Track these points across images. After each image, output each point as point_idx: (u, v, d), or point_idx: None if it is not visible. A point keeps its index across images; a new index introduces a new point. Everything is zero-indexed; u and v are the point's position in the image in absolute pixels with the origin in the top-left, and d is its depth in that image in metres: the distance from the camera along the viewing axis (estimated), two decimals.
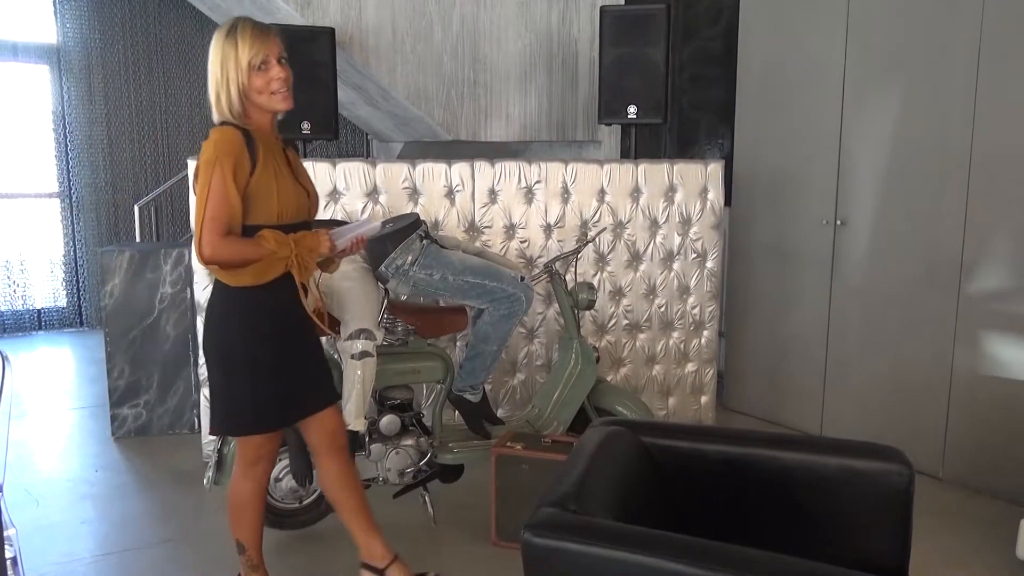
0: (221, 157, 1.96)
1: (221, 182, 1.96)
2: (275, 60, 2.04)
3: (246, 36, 2.01)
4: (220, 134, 2.00)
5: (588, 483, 1.58)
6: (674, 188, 3.64)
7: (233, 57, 2.01)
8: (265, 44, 2.02)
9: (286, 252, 2.03)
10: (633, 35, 3.89)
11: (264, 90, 2.03)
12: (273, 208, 2.05)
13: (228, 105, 2.03)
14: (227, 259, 2.01)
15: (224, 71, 2.02)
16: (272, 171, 2.05)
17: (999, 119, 3.08)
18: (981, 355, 3.19)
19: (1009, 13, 3.01)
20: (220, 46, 2.03)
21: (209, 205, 1.96)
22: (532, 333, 3.57)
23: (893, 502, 1.77)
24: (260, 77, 2.02)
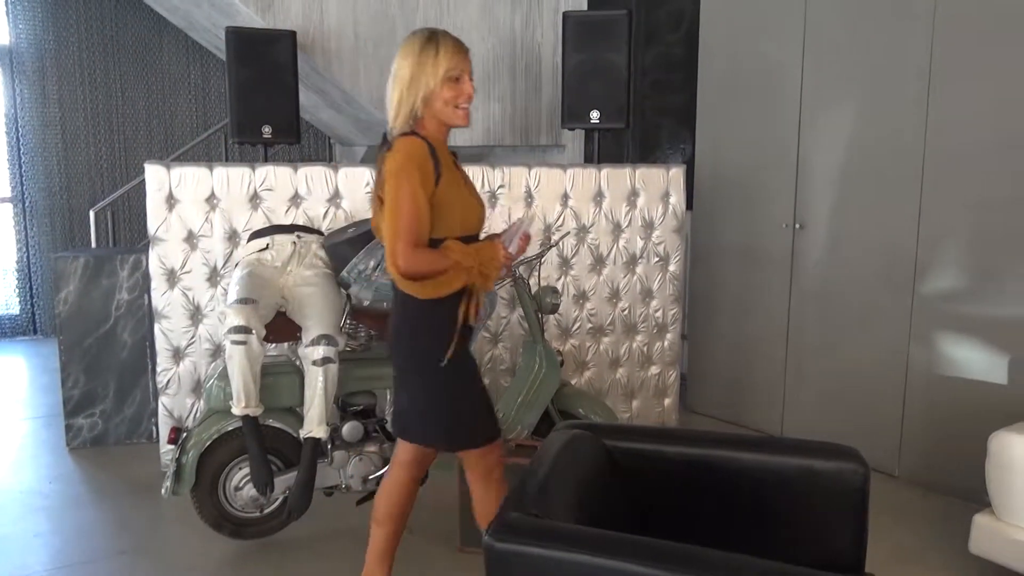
0: (410, 168, 1.94)
1: (411, 193, 1.93)
2: (467, 76, 2.05)
3: (448, 47, 2.01)
4: (408, 144, 1.98)
5: (550, 487, 1.58)
6: (636, 192, 3.67)
7: (431, 64, 1.99)
8: (463, 59, 2.03)
9: (470, 263, 2.00)
10: (595, 40, 3.93)
11: (451, 102, 2.02)
12: (456, 219, 2.04)
13: (409, 112, 2.00)
14: (421, 271, 1.97)
15: (416, 76, 1.99)
16: (453, 182, 2.04)
17: (950, 124, 3.16)
18: (935, 354, 3.27)
19: (959, 22, 3.10)
20: (416, 52, 2.01)
21: (402, 217, 1.93)
22: (496, 337, 3.57)
23: (850, 500, 1.80)
24: (452, 89, 2.01)
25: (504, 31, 4.87)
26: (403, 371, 2.14)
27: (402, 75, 2.01)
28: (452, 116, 2.04)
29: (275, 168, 3.27)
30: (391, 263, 1.96)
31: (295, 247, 2.79)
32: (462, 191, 2.08)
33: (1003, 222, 3.03)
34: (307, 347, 2.60)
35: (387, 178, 1.98)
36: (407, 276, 1.96)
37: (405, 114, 2.01)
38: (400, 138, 2.00)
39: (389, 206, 1.96)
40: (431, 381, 2.08)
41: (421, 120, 2.03)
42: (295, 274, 2.76)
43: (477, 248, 2.04)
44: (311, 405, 2.60)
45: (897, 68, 3.31)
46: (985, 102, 3.06)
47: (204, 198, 3.21)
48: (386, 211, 1.98)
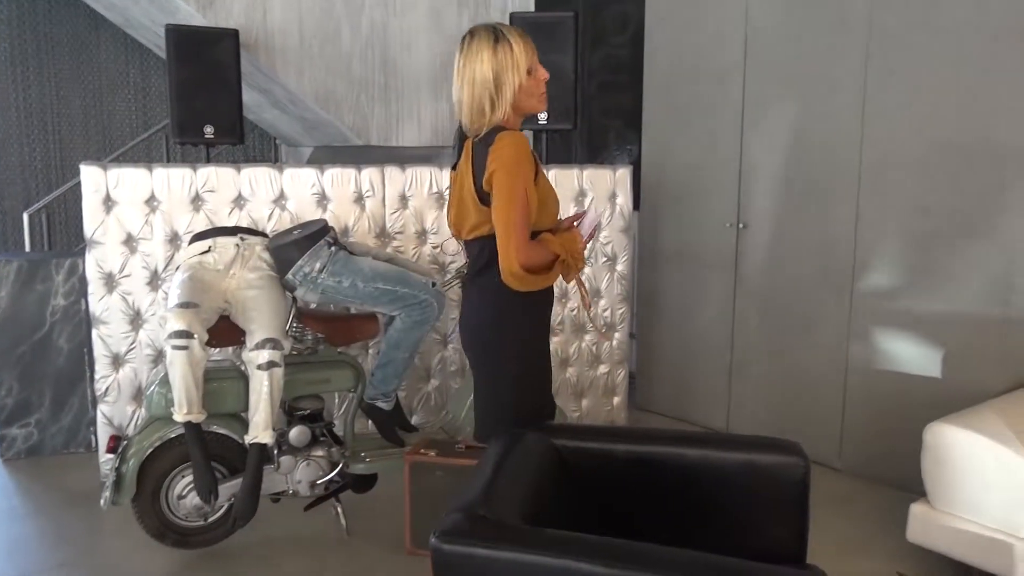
0: (521, 163, 1.91)
1: (522, 192, 1.91)
2: (538, 64, 2.04)
3: (518, 41, 1.99)
4: (515, 138, 1.94)
5: (498, 487, 1.58)
6: (584, 193, 3.70)
7: (511, 61, 1.97)
8: (533, 50, 2.02)
9: (565, 255, 1.99)
10: (542, 42, 3.88)
11: (534, 93, 2.02)
12: (553, 212, 2.04)
13: (502, 112, 1.96)
14: (535, 264, 1.94)
15: (500, 76, 1.96)
16: (544, 175, 2.03)
17: (884, 130, 3.26)
18: (873, 350, 3.37)
19: (893, 30, 3.20)
20: (492, 52, 1.96)
21: (513, 215, 1.90)
22: (446, 339, 3.56)
23: (791, 494, 1.85)
24: (532, 81, 2.01)
25: (452, 32, 4.86)
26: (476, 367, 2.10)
27: (484, 78, 1.96)
28: (537, 104, 2.05)
29: (217, 169, 3.21)
30: (505, 259, 1.91)
31: (238, 249, 2.74)
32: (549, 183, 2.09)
33: (934, 224, 3.13)
34: (251, 351, 2.55)
35: (496, 173, 1.91)
36: (526, 270, 1.92)
37: (499, 115, 1.97)
38: (504, 132, 1.95)
39: (502, 201, 1.91)
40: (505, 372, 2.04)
41: (507, 117, 2.00)
42: (238, 277, 2.71)
43: (562, 239, 2.02)
44: (256, 410, 2.55)
45: (835, 74, 3.41)
46: (917, 110, 3.16)
47: (143, 200, 3.13)
48: (499, 206, 1.92)
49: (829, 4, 3.40)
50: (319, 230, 2.76)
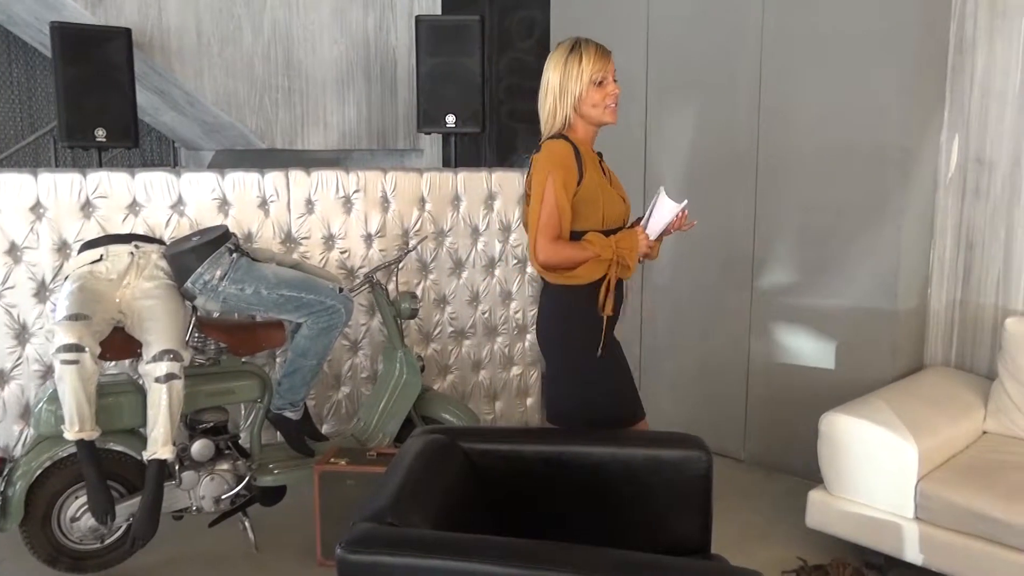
0: (554, 168, 2.10)
1: (553, 192, 2.10)
2: (611, 78, 2.19)
3: (591, 54, 2.16)
4: (553, 146, 2.14)
5: (406, 494, 1.57)
6: (493, 196, 3.71)
7: (576, 72, 2.14)
8: (606, 63, 2.18)
9: (609, 254, 2.12)
10: (449, 45, 3.94)
11: (600, 104, 2.17)
12: (599, 215, 2.17)
13: (562, 118, 2.17)
14: (558, 262, 2.13)
15: (564, 85, 2.15)
16: (596, 181, 2.18)
17: (778, 132, 3.40)
18: (772, 344, 3.51)
19: (784, 36, 3.34)
20: (563, 62, 2.17)
21: (543, 213, 2.11)
22: (356, 345, 3.50)
23: (695, 487, 1.90)
24: (598, 92, 2.16)
25: (357, 34, 4.79)
26: (544, 355, 2.29)
27: (552, 85, 2.17)
28: (603, 115, 2.19)
29: (110, 174, 3.06)
30: (531, 255, 2.15)
31: (133, 258, 2.62)
32: (606, 189, 2.21)
33: (828, 221, 3.29)
34: (148, 363, 2.45)
35: (532, 176, 2.15)
36: (544, 267, 2.14)
37: (560, 121, 2.17)
38: (547, 140, 2.17)
39: (533, 202, 2.14)
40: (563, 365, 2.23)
41: (573, 125, 2.19)
42: (133, 287, 2.60)
43: (617, 238, 2.15)
44: (155, 425, 2.45)
45: (732, 77, 3.53)
46: (806, 111, 3.32)
47: (28, 207, 2.95)
48: (530, 207, 2.15)
49: (726, 9, 3.53)
50: (220, 236, 2.67)
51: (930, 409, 2.77)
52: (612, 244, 2.13)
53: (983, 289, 3.20)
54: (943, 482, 2.50)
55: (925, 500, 2.49)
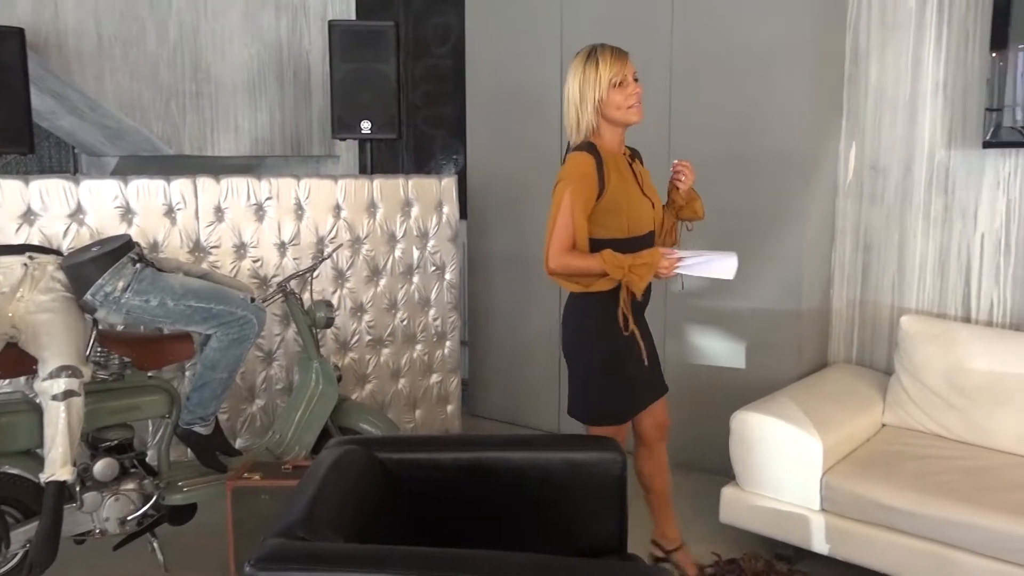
0: (571, 181, 2.19)
1: (569, 205, 2.18)
2: (631, 78, 2.24)
3: (606, 57, 2.23)
4: (575, 158, 2.22)
5: (319, 507, 1.54)
6: (410, 203, 3.69)
7: (594, 76, 2.22)
8: (623, 64, 2.24)
9: (619, 276, 2.18)
10: (363, 50, 3.90)
11: (622, 105, 2.23)
12: (623, 224, 2.25)
13: (586, 124, 2.25)
14: (567, 272, 2.23)
15: (583, 91, 2.23)
16: (621, 189, 2.24)
17: (688, 139, 3.50)
18: (686, 346, 3.60)
19: (692, 47, 3.44)
20: (581, 69, 2.25)
21: (558, 224, 2.19)
22: (270, 356, 3.42)
23: (610, 488, 1.93)
24: (618, 93, 2.23)
25: (269, 38, 4.69)
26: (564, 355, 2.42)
27: (573, 94, 2.25)
28: (626, 116, 2.25)
29: (1, 181, 2.90)
30: (545, 263, 2.23)
31: (27, 269, 2.48)
32: (632, 195, 2.28)
33: (736, 226, 3.39)
34: (45, 380, 2.32)
35: (554, 187, 2.23)
36: (552, 275, 2.24)
37: (582, 127, 2.26)
38: (571, 152, 2.25)
39: (551, 211, 2.21)
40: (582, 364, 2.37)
41: (598, 130, 2.26)
42: (27, 300, 2.46)
43: (636, 256, 2.20)
44: (52, 445, 2.32)
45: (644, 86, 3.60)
46: (715, 120, 3.42)
47: None
48: (550, 215, 2.22)
49: (636, 20, 3.61)
50: (122, 246, 2.56)
51: (833, 405, 2.89)
52: (624, 266, 2.18)
53: (880, 289, 3.36)
54: (846, 474, 2.61)
55: (830, 492, 2.60)
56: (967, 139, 3.08)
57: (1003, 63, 2.92)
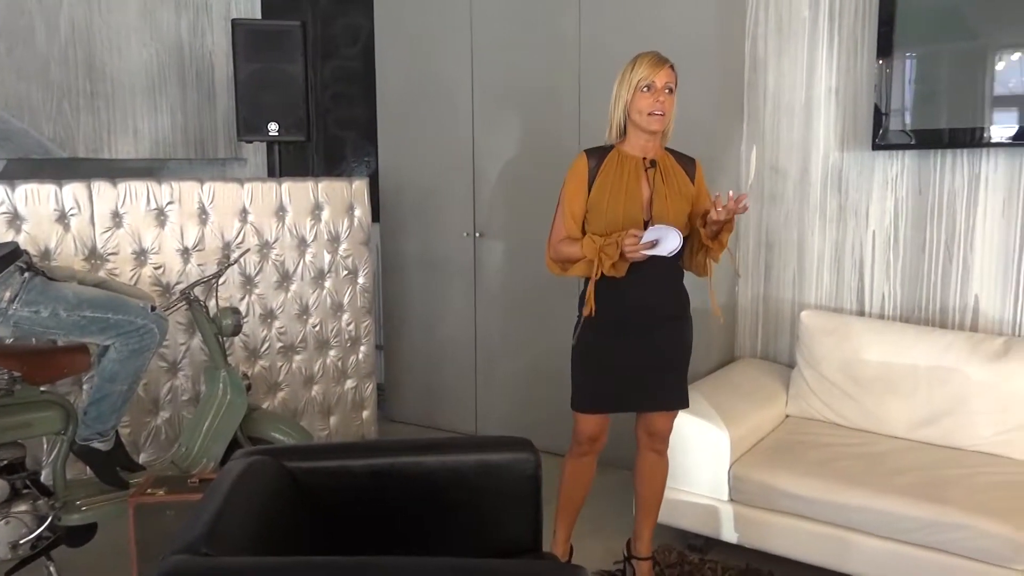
0: (566, 180, 2.43)
1: (564, 199, 2.42)
2: (661, 86, 2.28)
3: (642, 61, 2.31)
4: (576, 159, 2.42)
5: (224, 521, 1.49)
6: (320, 206, 3.62)
7: (627, 78, 2.32)
8: (656, 71, 2.29)
9: (590, 254, 2.30)
10: (269, 50, 3.81)
11: (643, 110, 2.29)
12: (602, 223, 2.35)
13: (616, 124, 2.38)
14: (557, 259, 2.44)
15: (618, 91, 2.34)
16: (606, 190, 2.35)
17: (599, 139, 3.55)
18: None
19: (599, 50, 3.50)
20: (622, 70, 2.35)
21: (554, 219, 2.44)
22: (175, 366, 3.29)
23: (524, 488, 1.94)
24: (644, 99, 2.29)
25: (169, 36, 4.52)
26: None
27: (613, 93, 2.37)
28: (647, 123, 2.31)
29: None
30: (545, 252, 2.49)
31: None
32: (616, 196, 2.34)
33: None
34: None
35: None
36: (549, 262, 2.46)
37: (616, 127, 2.38)
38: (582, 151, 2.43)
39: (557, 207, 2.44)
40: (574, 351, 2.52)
41: (627, 133, 2.38)
42: None
43: (603, 242, 2.29)
44: None
45: (554, 86, 3.66)
46: None
47: None
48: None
49: (545, 20, 3.65)
50: (8, 254, 2.42)
51: (740, 398, 3.00)
52: (596, 246, 2.29)
53: (781, 285, 3.50)
54: (752, 465, 2.70)
55: (737, 482, 2.69)
56: (858, 142, 3.25)
57: (889, 70, 3.09)
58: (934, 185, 3.13)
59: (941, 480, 2.52)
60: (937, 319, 3.14)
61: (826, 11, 3.28)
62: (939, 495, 2.42)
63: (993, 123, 2.92)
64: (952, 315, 3.13)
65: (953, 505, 2.36)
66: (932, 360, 2.87)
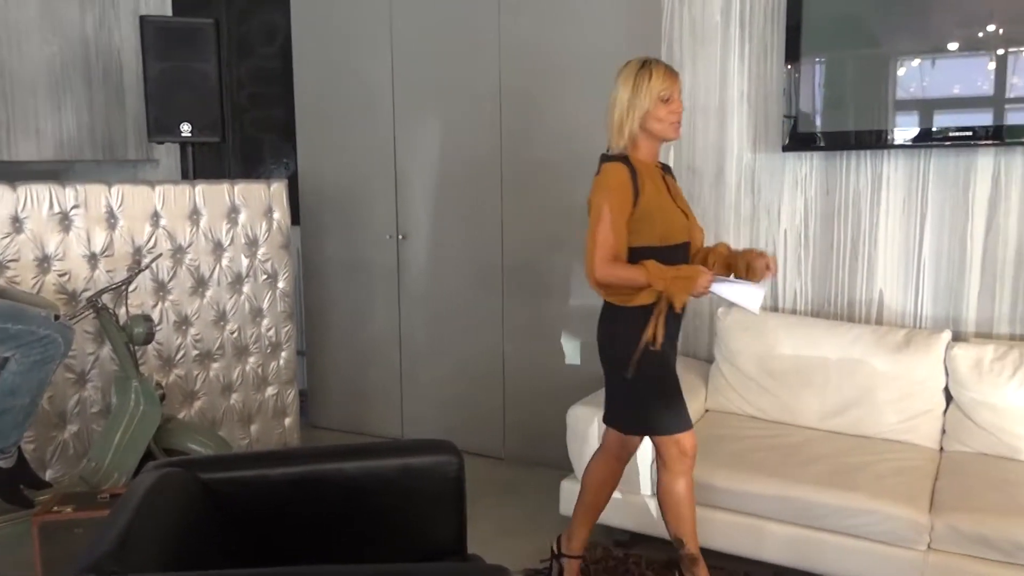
0: (610, 192, 2.24)
1: (609, 215, 2.22)
2: (678, 96, 2.30)
3: (660, 71, 2.27)
4: (610, 169, 2.27)
5: (133, 537, 1.43)
6: (237, 209, 3.52)
7: (646, 88, 2.26)
8: (674, 81, 2.29)
9: (660, 287, 2.18)
10: (181, 49, 3.69)
11: (664, 119, 2.28)
12: (657, 232, 2.27)
13: (628, 132, 2.29)
14: (612, 282, 2.25)
15: (633, 100, 2.27)
16: (655, 198, 2.28)
17: (519, 142, 3.58)
18: (525, 346, 3.67)
19: (519, 52, 3.52)
20: (632, 78, 2.28)
21: (599, 233, 2.23)
22: (83, 377, 3.15)
23: (448, 490, 1.93)
24: (664, 108, 2.27)
25: (73, 33, 4.33)
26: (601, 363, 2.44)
27: (621, 100, 2.29)
28: (667, 131, 2.30)
29: None
30: (588, 271, 2.28)
31: None
32: (665, 205, 2.31)
33: (567, 229, 3.51)
34: None
35: (590, 197, 2.29)
36: (599, 285, 2.28)
37: (623, 136, 2.30)
38: (605, 163, 2.30)
39: (591, 221, 2.26)
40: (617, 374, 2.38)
41: (636, 140, 2.30)
42: None
43: (677, 270, 2.21)
44: None
45: (475, 90, 3.66)
46: (545, 125, 3.52)
47: None
48: (590, 225, 2.26)
49: (465, 21, 3.64)
50: None
51: None
52: (667, 277, 2.18)
53: None
54: None
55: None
56: (769, 143, 3.36)
57: (798, 74, 3.20)
58: (841, 185, 3.26)
59: (850, 467, 2.62)
60: (845, 313, 3.28)
61: (737, 17, 3.38)
62: (848, 482, 2.52)
63: (896, 126, 3.06)
64: (859, 309, 3.27)
65: (861, 491, 2.47)
66: (841, 353, 2.99)
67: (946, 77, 2.98)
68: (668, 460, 2.39)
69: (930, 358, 2.86)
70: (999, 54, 2.85)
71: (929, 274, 3.13)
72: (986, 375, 2.75)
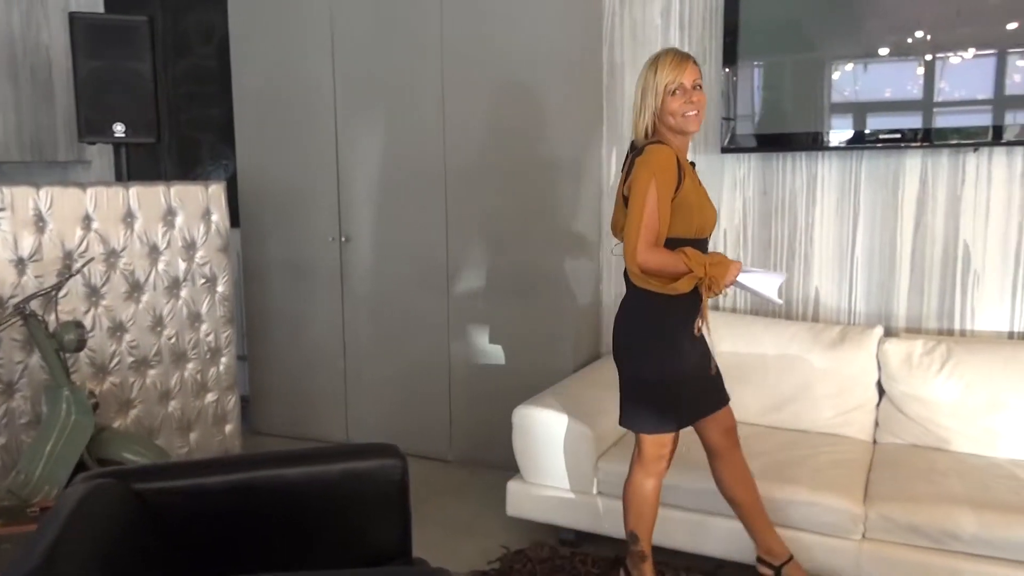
0: (657, 173, 2.12)
1: (655, 197, 2.11)
2: (690, 85, 2.18)
3: (665, 63, 2.19)
4: (658, 151, 2.15)
5: (61, 551, 1.38)
6: (173, 212, 3.43)
7: (652, 83, 2.19)
8: (680, 71, 2.18)
9: (700, 272, 2.14)
10: (113, 47, 3.58)
11: (677, 112, 2.18)
12: (694, 224, 2.20)
13: (643, 129, 2.22)
14: (654, 268, 2.14)
15: (644, 98, 2.21)
16: (693, 188, 2.20)
17: (463, 141, 3.57)
18: (470, 348, 3.67)
19: (462, 54, 3.51)
20: (643, 75, 2.22)
21: (644, 217, 2.11)
22: (11, 387, 3.03)
23: (391, 494, 1.91)
24: (675, 101, 2.18)
25: None
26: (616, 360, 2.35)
27: (636, 98, 2.24)
28: (684, 123, 2.19)
29: None
30: (628, 256, 2.15)
31: None
32: (701, 195, 2.24)
33: (511, 228, 3.51)
34: None
35: (634, 180, 2.15)
36: (643, 271, 2.14)
37: (640, 131, 2.23)
38: (651, 145, 2.18)
39: (634, 204, 2.13)
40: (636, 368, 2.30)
41: (660, 133, 2.22)
42: None
43: (711, 260, 2.17)
44: None
45: (417, 91, 3.63)
46: (489, 126, 3.52)
47: None
48: (631, 208, 2.15)
49: (406, 23, 3.62)
50: None
51: (604, 393, 3.07)
52: (705, 263, 2.14)
53: None
54: (617, 458, 2.78)
55: (604, 476, 2.76)
56: (709, 145, 3.42)
57: (735, 77, 3.27)
58: (777, 186, 3.34)
59: (789, 461, 2.69)
60: (783, 311, 3.36)
61: (677, 20, 3.44)
62: (788, 476, 2.58)
63: (831, 128, 3.14)
64: (796, 307, 3.35)
65: (800, 484, 2.53)
66: (779, 349, 3.06)
67: (878, 81, 3.08)
68: (646, 459, 2.38)
69: (863, 353, 2.95)
70: (927, 59, 2.96)
71: (862, 272, 3.23)
72: (915, 369, 2.85)
